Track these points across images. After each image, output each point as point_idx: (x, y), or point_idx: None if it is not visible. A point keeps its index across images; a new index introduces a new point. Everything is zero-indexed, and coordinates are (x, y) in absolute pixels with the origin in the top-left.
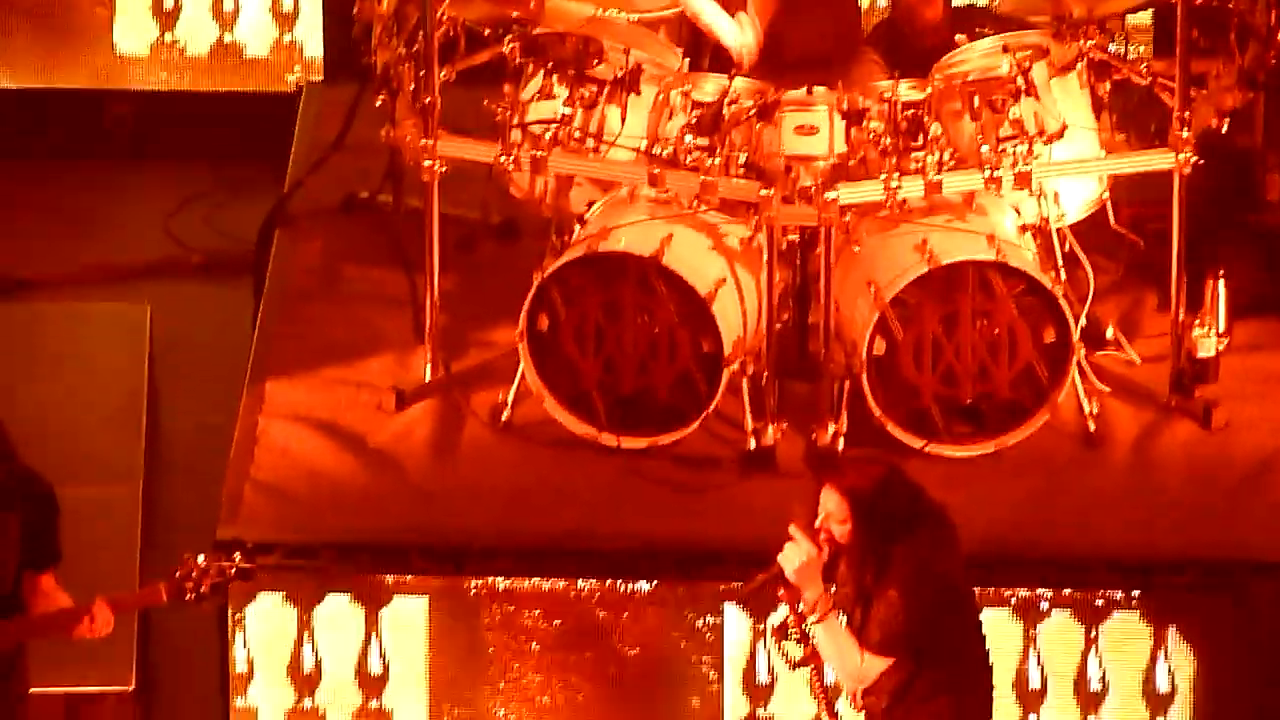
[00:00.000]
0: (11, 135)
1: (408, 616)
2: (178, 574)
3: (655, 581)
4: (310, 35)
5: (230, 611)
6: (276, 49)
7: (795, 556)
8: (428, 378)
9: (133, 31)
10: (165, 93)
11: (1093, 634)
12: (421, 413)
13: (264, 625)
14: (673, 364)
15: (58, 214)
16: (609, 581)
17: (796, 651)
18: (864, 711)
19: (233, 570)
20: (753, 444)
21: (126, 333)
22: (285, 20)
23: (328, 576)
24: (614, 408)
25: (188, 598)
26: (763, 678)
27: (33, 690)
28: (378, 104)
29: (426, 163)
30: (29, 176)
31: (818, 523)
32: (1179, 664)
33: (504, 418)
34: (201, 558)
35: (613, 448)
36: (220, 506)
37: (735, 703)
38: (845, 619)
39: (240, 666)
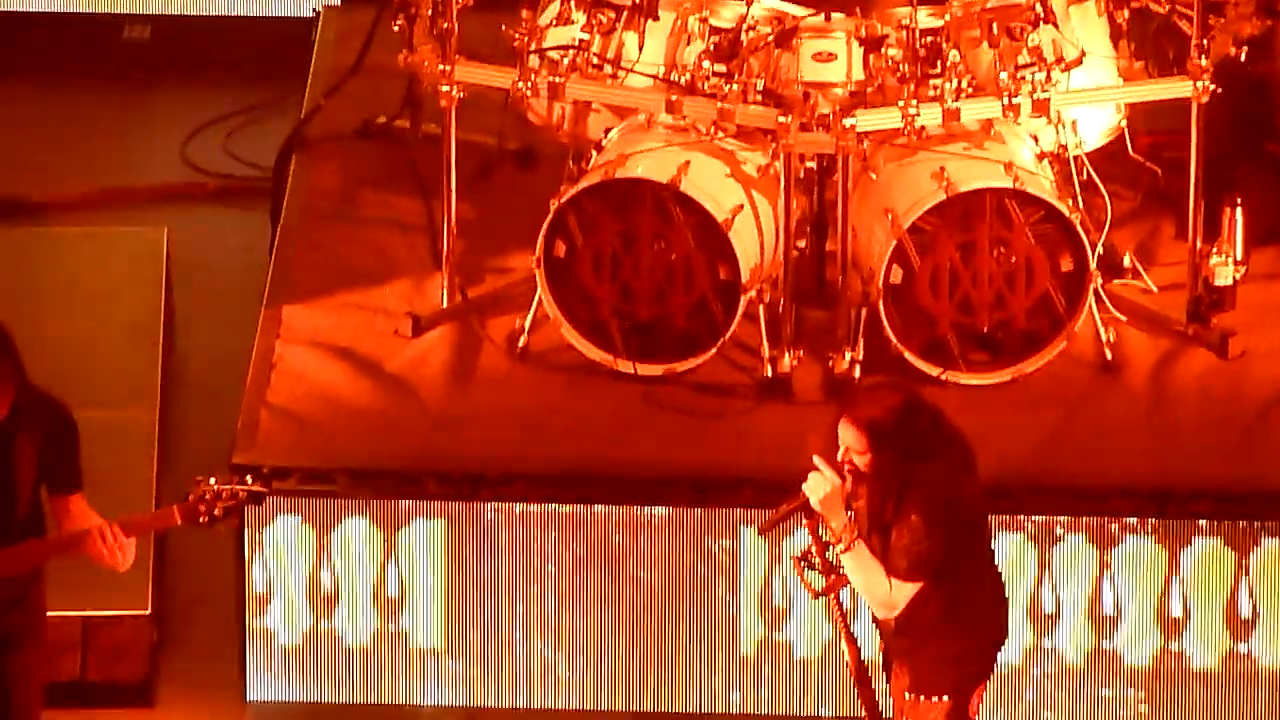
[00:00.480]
0: (28, 57)
1: (425, 540)
2: (190, 497)
3: (671, 507)
4: None
5: (248, 534)
6: None
7: (820, 487)
8: (444, 303)
9: None
10: (183, 16)
11: (1107, 558)
12: (438, 338)
13: (282, 547)
14: (689, 291)
15: (74, 137)
16: (625, 507)
17: (819, 581)
18: (879, 636)
19: (244, 493)
20: (769, 371)
21: (143, 257)
22: None
23: (345, 500)
24: (630, 334)
25: (201, 520)
26: (779, 602)
27: (50, 614)
28: (395, 28)
29: (444, 88)
30: (45, 99)
31: (839, 455)
32: (1193, 589)
33: (520, 344)
34: (214, 480)
35: (629, 374)
36: (236, 431)
37: (751, 627)
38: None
39: (259, 588)
